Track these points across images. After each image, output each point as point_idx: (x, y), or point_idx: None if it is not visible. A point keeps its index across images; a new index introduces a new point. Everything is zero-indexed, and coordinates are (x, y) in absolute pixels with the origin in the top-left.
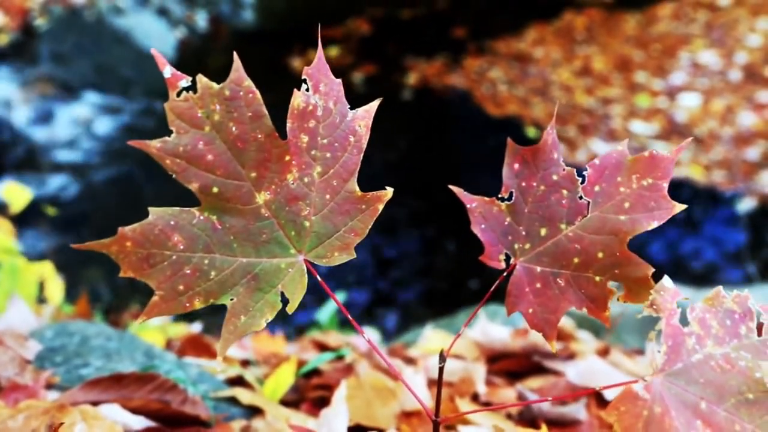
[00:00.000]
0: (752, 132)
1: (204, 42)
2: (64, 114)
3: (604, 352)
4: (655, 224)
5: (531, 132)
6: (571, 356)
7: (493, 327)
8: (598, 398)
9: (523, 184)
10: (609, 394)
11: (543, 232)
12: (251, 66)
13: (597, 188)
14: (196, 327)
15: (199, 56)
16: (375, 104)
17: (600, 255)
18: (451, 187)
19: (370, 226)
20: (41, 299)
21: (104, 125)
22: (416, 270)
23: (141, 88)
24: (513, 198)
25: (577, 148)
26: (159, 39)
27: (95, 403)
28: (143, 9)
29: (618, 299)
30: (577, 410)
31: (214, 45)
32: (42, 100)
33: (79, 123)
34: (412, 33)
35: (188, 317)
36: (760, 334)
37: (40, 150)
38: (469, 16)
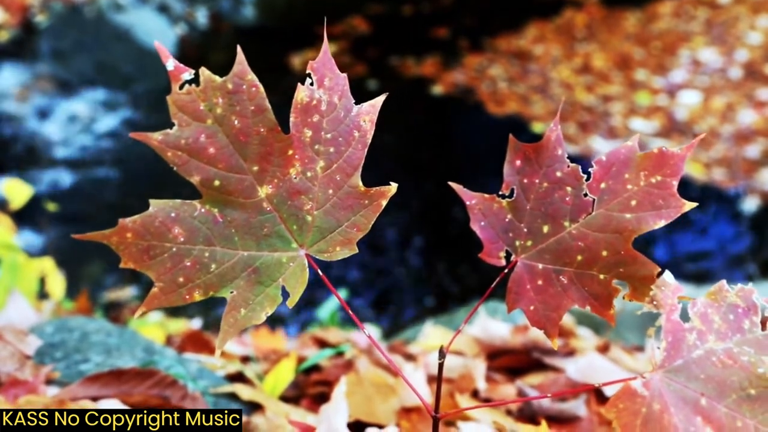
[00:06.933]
0: (752, 130)
1: (204, 39)
2: (64, 111)
3: (603, 349)
4: (662, 223)
5: (538, 127)
6: (571, 353)
7: (493, 323)
8: (597, 394)
9: (525, 180)
10: (609, 391)
11: (545, 229)
12: (251, 63)
13: (603, 185)
14: (196, 323)
15: (200, 53)
16: (381, 99)
17: (604, 253)
18: (450, 183)
19: (373, 222)
20: (43, 295)
21: (105, 122)
22: (414, 268)
23: (141, 85)
24: (514, 195)
25: (578, 145)
26: (159, 36)
27: (95, 399)
28: (143, 6)
29: (624, 298)
30: (577, 406)
31: (214, 42)
32: (42, 96)
33: (80, 120)
34: (411, 30)
35: (188, 312)
36: (764, 328)
37: (40, 146)
38: (468, 13)
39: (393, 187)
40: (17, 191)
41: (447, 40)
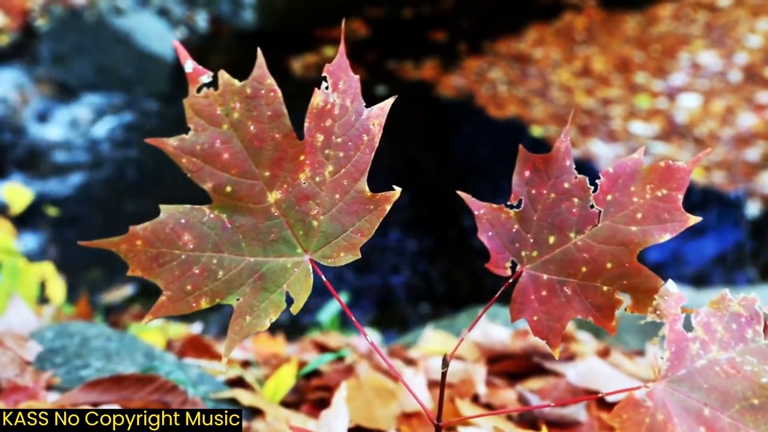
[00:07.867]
0: (752, 133)
1: (204, 42)
2: (64, 114)
3: (604, 353)
4: (667, 236)
5: (537, 131)
6: (571, 357)
7: (493, 328)
8: (598, 399)
9: (533, 191)
10: (610, 396)
11: (551, 240)
12: (250, 67)
13: (609, 197)
14: (197, 327)
15: (200, 57)
16: (389, 102)
17: (609, 265)
18: (459, 192)
19: (376, 227)
20: (43, 299)
21: (104, 126)
22: (415, 272)
23: (141, 89)
24: (522, 205)
25: (577, 148)
26: (159, 39)
27: (95, 405)
28: (143, 9)
29: (626, 309)
30: (578, 412)
31: (214, 45)
32: (42, 100)
33: (80, 123)
34: (410, 34)
35: (188, 317)
36: (767, 337)
37: (40, 150)
38: (468, 16)
39: (397, 191)
40: (17, 196)
41: (446, 44)
